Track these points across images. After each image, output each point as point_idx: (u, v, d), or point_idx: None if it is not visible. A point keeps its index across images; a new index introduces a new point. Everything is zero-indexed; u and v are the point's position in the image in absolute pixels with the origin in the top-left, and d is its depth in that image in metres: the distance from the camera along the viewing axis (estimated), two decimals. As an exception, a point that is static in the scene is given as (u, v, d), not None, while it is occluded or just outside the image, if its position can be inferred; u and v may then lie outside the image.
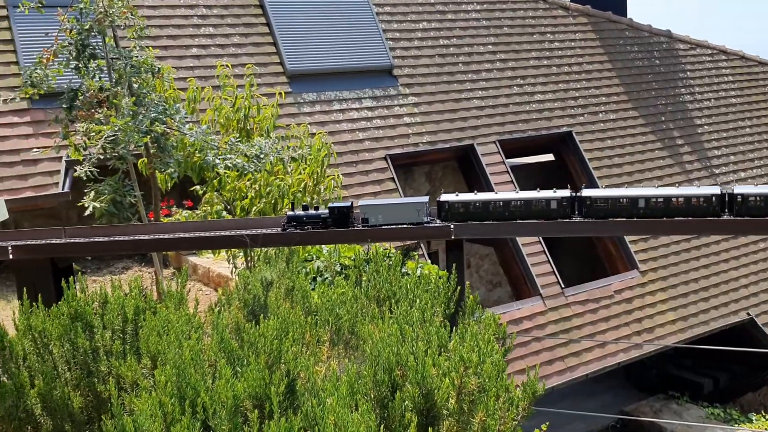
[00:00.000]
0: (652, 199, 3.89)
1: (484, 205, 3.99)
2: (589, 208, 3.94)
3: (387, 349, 2.27)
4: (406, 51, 14.24)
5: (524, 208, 3.97)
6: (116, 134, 5.74)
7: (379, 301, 3.14)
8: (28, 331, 3.51)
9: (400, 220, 3.96)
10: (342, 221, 3.97)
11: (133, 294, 3.68)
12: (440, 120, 13.76)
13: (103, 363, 3.39)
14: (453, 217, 3.97)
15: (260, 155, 6.37)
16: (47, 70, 6.52)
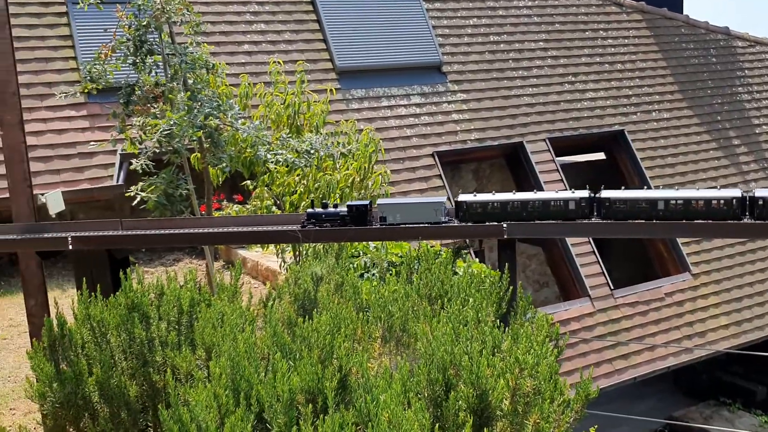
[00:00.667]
0: (671, 201, 3.85)
1: (502, 206, 3.98)
2: (608, 209, 3.92)
3: (441, 349, 2.25)
4: (455, 47, 14.16)
5: (542, 209, 3.95)
6: (171, 128, 5.84)
7: (430, 300, 3.13)
8: (86, 321, 3.60)
9: (417, 219, 4.00)
10: (360, 219, 4.01)
11: (188, 286, 3.74)
12: (489, 117, 13.66)
13: (158, 353, 3.46)
14: (470, 217, 3.99)
15: (310, 151, 6.41)
16: (106, 65, 6.66)
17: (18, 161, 4.99)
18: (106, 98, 11.01)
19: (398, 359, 2.69)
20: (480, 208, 3.99)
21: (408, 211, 4.00)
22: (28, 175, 5.04)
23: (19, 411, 5.90)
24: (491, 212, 3.96)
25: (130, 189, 6.46)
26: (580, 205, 3.94)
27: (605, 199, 3.94)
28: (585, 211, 3.94)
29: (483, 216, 3.96)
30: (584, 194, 3.96)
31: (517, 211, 3.94)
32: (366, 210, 4.02)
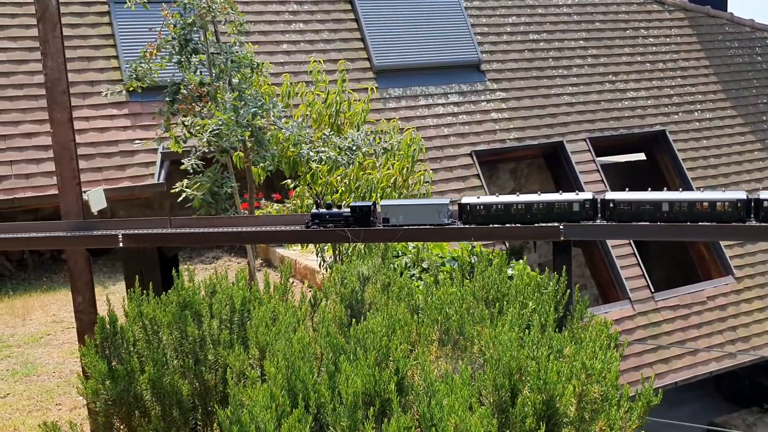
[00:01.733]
0: (676, 203, 3.84)
1: (505, 208, 3.98)
2: (612, 211, 3.91)
3: (507, 354, 2.19)
4: (494, 45, 14.04)
5: (546, 211, 3.94)
6: (220, 128, 5.85)
7: (487, 302, 3.06)
8: (138, 318, 3.60)
9: (420, 220, 4.00)
10: (364, 220, 4.01)
11: (239, 285, 3.72)
12: (528, 116, 13.51)
13: (210, 352, 3.44)
14: (473, 219, 3.99)
15: (353, 147, 6.38)
16: (150, 64, 6.70)
17: (67, 159, 5.02)
18: (147, 97, 11.11)
19: (459, 363, 2.63)
20: (483, 210, 3.99)
21: (411, 212, 4.01)
22: (77, 173, 5.08)
23: (65, 406, 5.97)
24: (494, 214, 3.98)
25: (175, 186, 6.48)
26: (584, 207, 3.94)
27: (609, 201, 3.94)
28: (589, 212, 3.94)
29: (486, 218, 3.97)
30: (588, 196, 3.98)
31: (521, 214, 3.95)
32: (369, 211, 4.04)
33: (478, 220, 4.00)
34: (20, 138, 10.37)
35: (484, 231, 4.00)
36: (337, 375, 2.91)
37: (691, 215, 3.80)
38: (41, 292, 9.69)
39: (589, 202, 3.94)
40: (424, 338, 2.88)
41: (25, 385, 6.47)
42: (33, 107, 10.62)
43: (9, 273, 10.72)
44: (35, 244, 4.98)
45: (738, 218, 3.75)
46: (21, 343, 7.66)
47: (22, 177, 10.13)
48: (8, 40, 10.92)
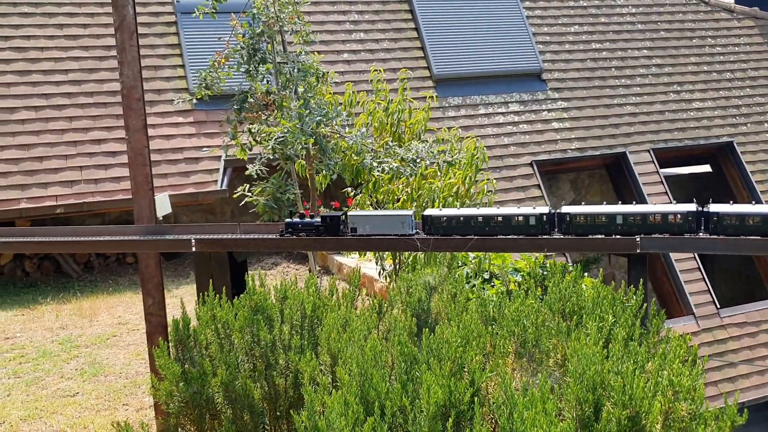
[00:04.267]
0: (629, 216, 3.92)
1: (465, 220, 4.12)
2: (569, 224, 3.99)
3: (592, 368, 2.14)
4: (556, 54, 13.88)
5: (504, 224, 4.07)
6: (285, 136, 5.92)
7: (564, 315, 3.01)
8: (211, 321, 3.65)
9: (385, 231, 4.16)
10: (333, 230, 4.19)
11: (310, 291, 3.74)
12: (590, 126, 13.30)
13: (281, 356, 3.46)
14: (437, 230, 4.14)
15: (416, 159, 6.38)
16: (219, 72, 6.83)
17: (141, 164, 5.15)
18: (211, 106, 11.36)
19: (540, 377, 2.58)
20: (445, 222, 4.14)
21: (376, 222, 4.19)
22: (150, 179, 5.20)
23: (132, 407, 6.10)
24: (455, 226, 4.11)
25: (237, 191, 6.58)
26: (541, 221, 4.04)
27: (566, 215, 4.04)
28: (545, 227, 4.03)
29: (448, 229, 4.12)
30: (545, 210, 4.08)
31: (480, 225, 4.08)
32: (338, 221, 4.22)
33: (440, 231, 4.16)
34: (90, 144, 10.71)
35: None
36: (409, 384, 2.90)
37: (644, 227, 3.85)
38: (107, 295, 9.95)
39: (546, 216, 4.05)
40: (498, 350, 2.84)
41: (93, 384, 6.64)
42: (102, 114, 10.95)
43: (76, 275, 11.05)
44: (111, 247, 5.11)
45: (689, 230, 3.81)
46: (89, 343, 7.87)
47: (91, 182, 10.45)
48: (80, 49, 11.29)
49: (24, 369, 7.16)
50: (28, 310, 9.37)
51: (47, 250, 8.82)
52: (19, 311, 9.34)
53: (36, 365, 7.25)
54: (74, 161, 10.51)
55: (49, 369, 7.11)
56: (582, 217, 4.02)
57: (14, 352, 7.73)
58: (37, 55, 10.98)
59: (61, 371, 7.04)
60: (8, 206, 9.91)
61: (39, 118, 10.61)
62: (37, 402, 6.26)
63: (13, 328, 8.63)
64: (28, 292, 10.35)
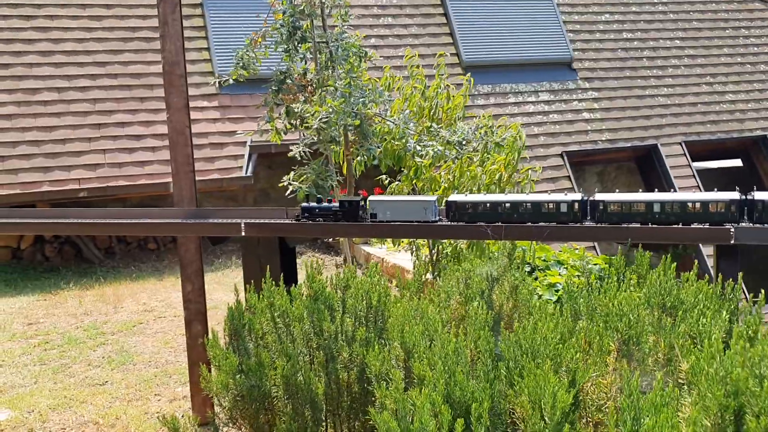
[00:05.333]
0: (667, 204, 3.70)
1: (492, 206, 3.94)
2: (603, 212, 3.79)
3: (734, 371, 1.90)
4: (586, 43, 13.57)
5: (533, 211, 3.89)
6: (329, 116, 5.66)
7: (664, 310, 2.76)
8: (267, 310, 3.41)
9: (406, 217, 3.96)
10: (352, 215, 4.00)
11: (374, 280, 3.49)
12: (621, 117, 12.99)
13: (344, 349, 3.22)
14: (461, 217, 3.95)
15: (462, 142, 6.11)
16: (255, 52, 6.56)
17: (182, 144, 4.91)
18: (236, 90, 11.11)
19: (659, 378, 2.33)
20: (471, 209, 3.95)
21: (397, 208, 4.00)
22: (191, 159, 4.96)
23: (164, 397, 5.88)
24: (482, 213, 3.93)
25: (282, 180, 6.31)
26: (573, 209, 3.84)
27: (599, 202, 3.82)
28: (578, 214, 3.82)
29: (473, 216, 3.92)
30: (577, 197, 3.88)
31: (507, 212, 3.90)
32: (358, 206, 4.04)
33: (465, 218, 3.93)
34: (114, 127, 10.48)
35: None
36: (496, 383, 2.65)
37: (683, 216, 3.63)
38: (130, 281, 9.75)
39: (578, 203, 3.83)
40: (597, 347, 2.59)
41: (122, 373, 6.43)
42: (126, 97, 10.72)
43: (98, 260, 10.85)
44: (154, 230, 4.88)
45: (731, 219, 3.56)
46: (115, 330, 7.66)
47: (114, 166, 10.23)
48: (104, 30, 11.06)
49: (50, 356, 6.95)
50: (50, 295, 9.17)
51: (87, 232, 8.58)
52: (41, 296, 9.15)
53: (62, 352, 7.04)
54: (97, 144, 10.29)
55: (75, 356, 6.90)
56: (617, 205, 3.78)
57: (38, 338, 7.53)
58: (60, 36, 10.76)
59: (88, 359, 6.83)
60: (30, 189, 9.71)
61: (62, 100, 10.39)
62: (66, 390, 6.05)
63: (36, 313, 8.43)
64: (49, 276, 10.16)
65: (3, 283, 9.83)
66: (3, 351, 7.14)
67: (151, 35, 11.22)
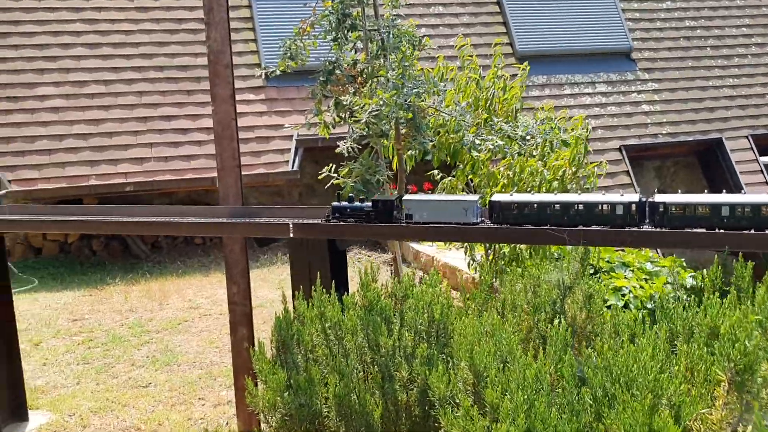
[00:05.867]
0: (738, 207, 3.26)
1: (540, 208, 3.58)
2: (663, 215, 3.38)
3: None
4: (646, 33, 12.95)
5: (586, 213, 3.52)
6: (380, 109, 5.33)
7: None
8: (318, 321, 3.11)
9: (445, 218, 3.65)
10: (386, 216, 3.72)
11: (435, 291, 3.15)
12: (683, 110, 12.37)
13: (402, 367, 2.90)
14: (505, 219, 3.61)
15: (526, 137, 5.71)
16: (304, 42, 6.26)
17: (228, 138, 4.64)
18: (283, 83, 10.87)
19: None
20: (516, 210, 3.61)
21: (435, 208, 3.70)
22: (237, 154, 4.69)
23: (209, 402, 5.65)
24: (528, 214, 3.59)
25: (323, 171, 6.01)
26: (629, 211, 3.45)
27: (659, 204, 3.40)
28: (635, 217, 3.42)
29: (519, 218, 3.59)
30: (634, 198, 3.48)
31: (556, 215, 3.55)
32: (392, 206, 3.75)
33: (509, 219, 3.58)
34: (160, 120, 10.34)
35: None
36: (583, 415, 2.28)
37: (757, 221, 3.20)
38: (176, 277, 9.60)
39: (635, 205, 3.44)
40: (702, 376, 2.22)
41: (166, 374, 6.23)
42: (173, 90, 10.57)
43: (145, 255, 10.75)
44: (199, 230, 4.61)
45: None
46: (159, 328, 7.49)
47: (161, 159, 10.09)
48: (151, 22, 10.92)
49: (93, 354, 6.80)
50: (96, 291, 9.07)
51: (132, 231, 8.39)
52: (87, 291, 9.05)
53: (106, 351, 6.89)
54: (144, 138, 10.16)
55: (119, 355, 6.73)
56: (679, 208, 3.37)
57: (83, 335, 7.40)
58: (107, 28, 10.65)
59: (132, 358, 6.65)
60: (78, 182, 9.62)
61: (109, 93, 10.28)
62: (108, 392, 5.87)
63: (81, 309, 8.32)
64: (95, 271, 10.09)
65: (50, 277, 9.79)
66: (47, 348, 7.02)
67: (197, 27, 11.04)
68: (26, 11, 10.32)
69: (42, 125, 9.78)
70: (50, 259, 10.49)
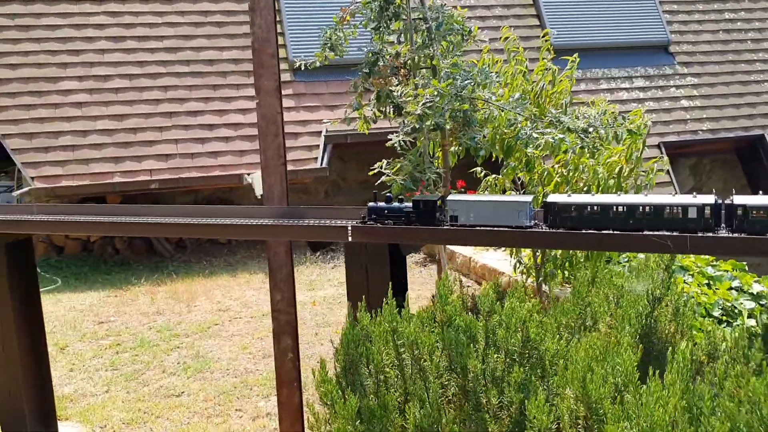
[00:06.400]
0: None
1: (602, 210, 3.16)
2: (743, 219, 2.96)
3: None
4: (684, 25, 12.50)
5: (653, 216, 3.11)
6: (434, 100, 4.98)
7: None
8: (389, 337, 2.76)
9: (494, 220, 3.28)
10: (428, 218, 3.35)
11: (528, 306, 2.77)
12: (723, 105, 11.92)
13: (492, 394, 2.54)
14: (562, 222, 3.20)
15: (588, 129, 5.34)
16: (344, 32, 5.92)
17: (273, 134, 4.30)
18: (310, 77, 10.53)
19: None
20: (575, 212, 3.20)
21: (483, 210, 3.32)
22: (283, 151, 4.35)
23: (246, 414, 5.33)
24: (588, 217, 3.17)
25: (373, 167, 5.66)
26: (703, 214, 3.05)
27: (738, 206, 3.00)
28: (709, 221, 3.01)
29: (578, 221, 3.17)
30: (709, 199, 3.07)
31: (621, 218, 3.14)
32: (434, 207, 3.37)
33: (566, 223, 3.16)
34: (186, 116, 10.03)
35: None
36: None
37: None
38: (203, 277, 9.29)
39: (710, 207, 3.01)
40: None
41: (199, 383, 5.91)
42: (199, 84, 10.26)
43: (169, 254, 10.45)
44: (247, 233, 4.26)
45: None
46: (189, 332, 7.18)
47: (186, 156, 9.79)
48: (175, 15, 10.61)
49: (122, 360, 6.50)
50: (120, 291, 8.79)
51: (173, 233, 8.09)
52: (111, 292, 8.77)
53: (134, 356, 6.59)
54: (169, 134, 9.86)
55: (148, 361, 6.43)
56: (761, 211, 2.97)
57: (110, 338, 7.10)
58: (131, 21, 10.35)
59: (162, 364, 6.34)
60: (102, 180, 9.33)
61: (133, 87, 9.99)
62: (140, 402, 5.56)
63: (107, 311, 8.03)
64: (119, 271, 9.80)
65: (73, 277, 9.52)
66: (74, 353, 6.73)
67: (223, 20, 10.72)
68: (49, 3, 10.04)
69: (66, 120, 9.50)
70: (73, 257, 10.22)
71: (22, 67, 9.65)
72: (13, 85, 9.52)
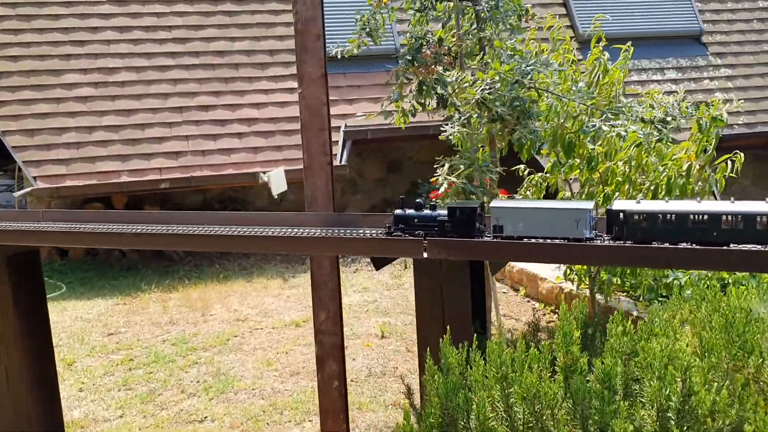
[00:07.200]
0: None
1: (679, 219, 2.65)
2: None
3: None
4: (717, 14, 11.92)
5: (743, 227, 2.59)
6: (493, 86, 4.40)
7: None
8: (497, 384, 2.20)
9: (548, 231, 2.79)
10: (466, 228, 2.86)
11: (680, 344, 2.19)
12: (759, 98, 11.34)
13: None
14: (630, 233, 2.69)
15: (666, 119, 4.77)
16: (383, 16, 5.33)
17: (318, 128, 3.73)
18: (331, 69, 9.94)
19: None
20: (645, 221, 2.69)
21: (534, 218, 2.81)
22: (329, 148, 3.78)
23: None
24: (662, 227, 2.66)
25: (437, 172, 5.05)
26: None
27: None
28: None
29: (649, 232, 2.67)
30: None
31: (702, 228, 2.63)
32: (473, 214, 2.88)
33: (636, 234, 2.66)
34: (196, 110, 9.44)
35: None
36: None
37: None
38: (216, 282, 8.71)
39: None
40: None
41: (223, 405, 5.34)
42: (210, 77, 9.67)
43: (179, 257, 9.87)
44: (295, 246, 3.64)
45: None
46: (207, 346, 6.60)
47: (197, 153, 9.20)
48: (184, 3, 10.01)
49: (135, 378, 5.93)
50: (130, 299, 8.21)
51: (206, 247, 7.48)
52: (120, 299, 8.19)
53: (149, 373, 6.01)
54: (179, 130, 9.27)
55: (165, 379, 5.85)
56: None
57: (121, 353, 6.52)
58: (138, 9, 9.75)
59: (181, 383, 5.77)
60: (108, 179, 8.74)
61: (140, 81, 9.39)
62: (159, 429, 4.99)
63: (116, 321, 7.45)
64: (127, 276, 9.22)
65: (78, 283, 8.93)
66: (83, 370, 6.16)
67: (234, 8, 10.13)
68: (50, -9, 9.44)
69: (70, 116, 8.91)
70: (77, 261, 9.63)
71: (23, 59, 9.05)
72: (13, 79, 8.92)
